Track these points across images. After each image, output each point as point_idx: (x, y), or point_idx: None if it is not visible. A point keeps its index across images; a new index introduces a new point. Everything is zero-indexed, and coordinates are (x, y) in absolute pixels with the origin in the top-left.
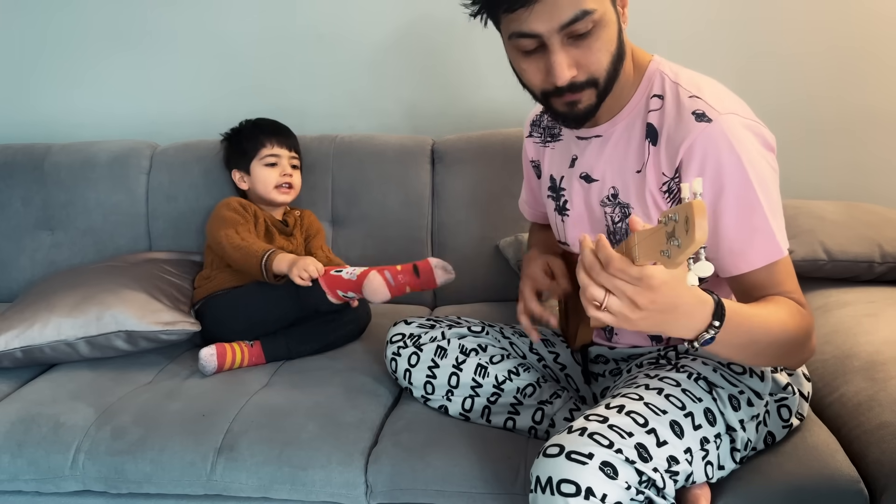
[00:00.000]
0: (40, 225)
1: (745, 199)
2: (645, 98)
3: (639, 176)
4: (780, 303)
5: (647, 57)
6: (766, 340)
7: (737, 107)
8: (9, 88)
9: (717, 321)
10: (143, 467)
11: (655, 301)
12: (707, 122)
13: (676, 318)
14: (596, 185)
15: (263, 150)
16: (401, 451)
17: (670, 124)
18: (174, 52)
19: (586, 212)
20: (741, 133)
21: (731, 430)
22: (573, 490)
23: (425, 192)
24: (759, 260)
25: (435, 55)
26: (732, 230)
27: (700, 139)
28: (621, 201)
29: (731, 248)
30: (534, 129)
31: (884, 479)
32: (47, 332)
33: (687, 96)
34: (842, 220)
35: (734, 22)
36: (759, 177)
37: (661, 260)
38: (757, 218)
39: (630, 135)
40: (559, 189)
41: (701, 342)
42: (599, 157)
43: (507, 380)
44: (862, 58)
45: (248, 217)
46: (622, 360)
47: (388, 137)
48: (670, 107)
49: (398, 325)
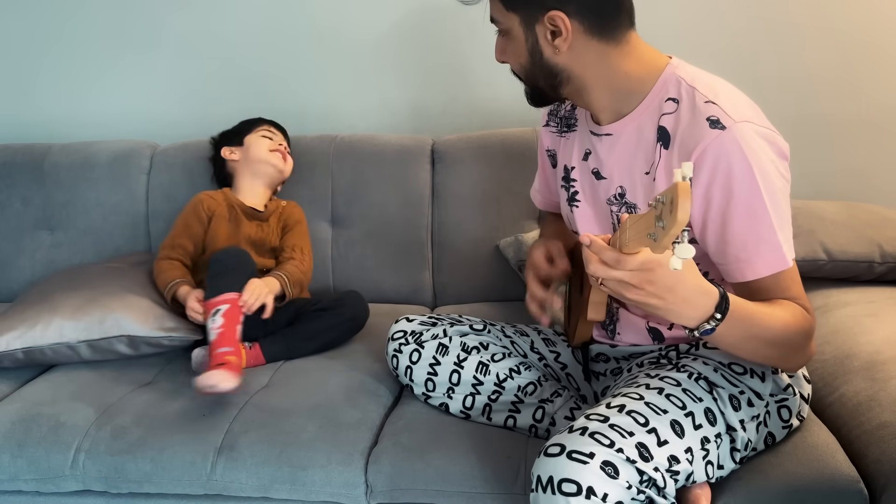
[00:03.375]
0: (40, 225)
1: (754, 209)
2: (659, 101)
3: (647, 178)
4: (784, 305)
5: (664, 59)
6: (766, 338)
7: (752, 114)
8: (9, 88)
9: (720, 314)
10: (144, 467)
11: (653, 282)
12: (721, 129)
13: (675, 302)
14: (604, 182)
15: (260, 128)
16: (401, 451)
17: (684, 129)
18: (174, 52)
19: (595, 207)
20: (754, 141)
21: (732, 430)
22: (574, 489)
23: (425, 192)
24: (763, 269)
25: (435, 55)
26: (739, 238)
27: (713, 146)
28: (628, 201)
29: (737, 255)
30: (551, 118)
31: (884, 479)
32: (49, 334)
33: (703, 101)
34: (842, 220)
35: (736, 23)
36: (769, 187)
37: (649, 243)
38: (764, 228)
39: (640, 136)
40: (570, 179)
41: (701, 332)
42: (610, 155)
43: (509, 378)
44: (862, 58)
45: (214, 206)
46: (623, 359)
47: (388, 137)
48: (685, 111)
49: (400, 322)
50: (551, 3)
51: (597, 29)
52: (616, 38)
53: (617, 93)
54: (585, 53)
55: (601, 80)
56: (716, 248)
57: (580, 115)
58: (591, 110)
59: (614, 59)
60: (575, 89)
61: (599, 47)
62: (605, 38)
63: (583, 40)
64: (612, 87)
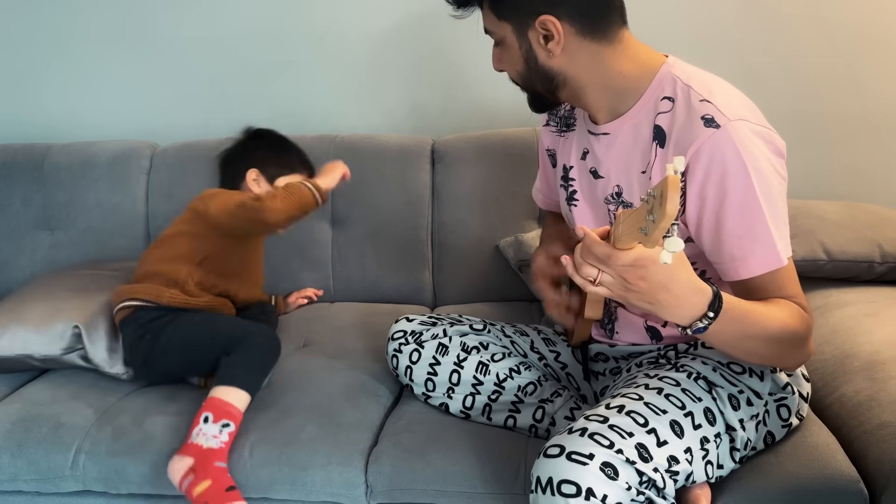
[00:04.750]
0: (40, 225)
1: (748, 207)
2: (654, 100)
3: (643, 177)
4: (780, 304)
5: (659, 58)
6: (762, 336)
7: (747, 112)
8: (9, 88)
9: (713, 312)
10: (144, 468)
11: (645, 278)
12: (715, 127)
13: (667, 300)
14: (602, 181)
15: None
16: (401, 451)
17: (679, 127)
18: (174, 52)
19: (592, 206)
20: (749, 140)
21: (731, 430)
22: (574, 491)
23: (425, 191)
24: (758, 268)
25: (435, 55)
26: (734, 237)
27: (707, 144)
28: (625, 200)
29: (732, 254)
30: (551, 117)
31: (884, 479)
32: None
33: (698, 100)
34: (842, 220)
35: (734, 22)
36: (764, 185)
37: (640, 238)
38: (758, 227)
39: (637, 135)
40: (569, 179)
41: (693, 330)
42: (607, 154)
43: (509, 378)
44: (862, 57)
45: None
46: (622, 359)
47: (388, 137)
48: (681, 110)
49: (400, 321)
50: (541, 8)
51: (588, 30)
52: (609, 38)
53: (613, 92)
54: (579, 55)
55: (596, 80)
56: (711, 246)
57: (578, 114)
58: (589, 110)
59: (608, 58)
60: (572, 91)
61: (592, 48)
62: (598, 38)
63: (576, 42)
64: (607, 87)
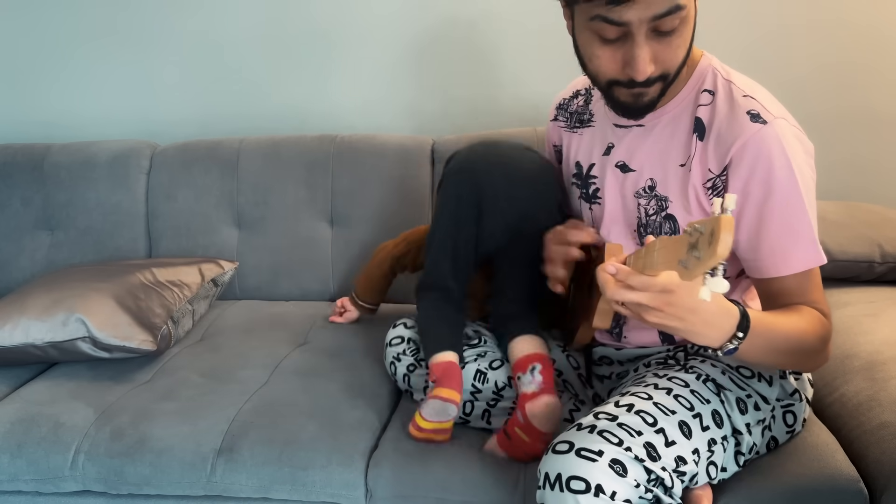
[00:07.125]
0: (40, 225)
1: (793, 205)
2: (695, 92)
3: (682, 170)
4: (802, 312)
5: (698, 52)
6: (785, 349)
7: (785, 113)
8: (9, 88)
9: (742, 332)
10: (143, 469)
11: (672, 304)
12: (762, 123)
13: (696, 324)
14: (632, 175)
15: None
16: (401, 457)
17: (721, 121)
18: (174, 51)
19: (620, 202)
20: (792, 140)
21: (738, 434)
22: (583, 487)
23: (425, 192)
24: (799, 265)
25: (435, 55)
26: (776, 233)
27: (753, 140)
28: (658, 194)
29: (772, 250)
30: (560, 112)
31: (884, 479)
32: (16, 335)
33: (741, 95)
34: (842, 220)
35: (733, 20)
36: (806, 184)
37: (679, 270)
38: (801, 224)
39: (676, 127)
40: (588, 177)
41: (724, 352)
42: (639, 147)
43: (507, 386)
44: (862, 57)
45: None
46: (628, 362)
47: (388, 137)
48: (722, 103)
49: (397, 327)
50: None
51: None
52: None
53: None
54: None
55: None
56: (748, 243)
57: (598, 109)
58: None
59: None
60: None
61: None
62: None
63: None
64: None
